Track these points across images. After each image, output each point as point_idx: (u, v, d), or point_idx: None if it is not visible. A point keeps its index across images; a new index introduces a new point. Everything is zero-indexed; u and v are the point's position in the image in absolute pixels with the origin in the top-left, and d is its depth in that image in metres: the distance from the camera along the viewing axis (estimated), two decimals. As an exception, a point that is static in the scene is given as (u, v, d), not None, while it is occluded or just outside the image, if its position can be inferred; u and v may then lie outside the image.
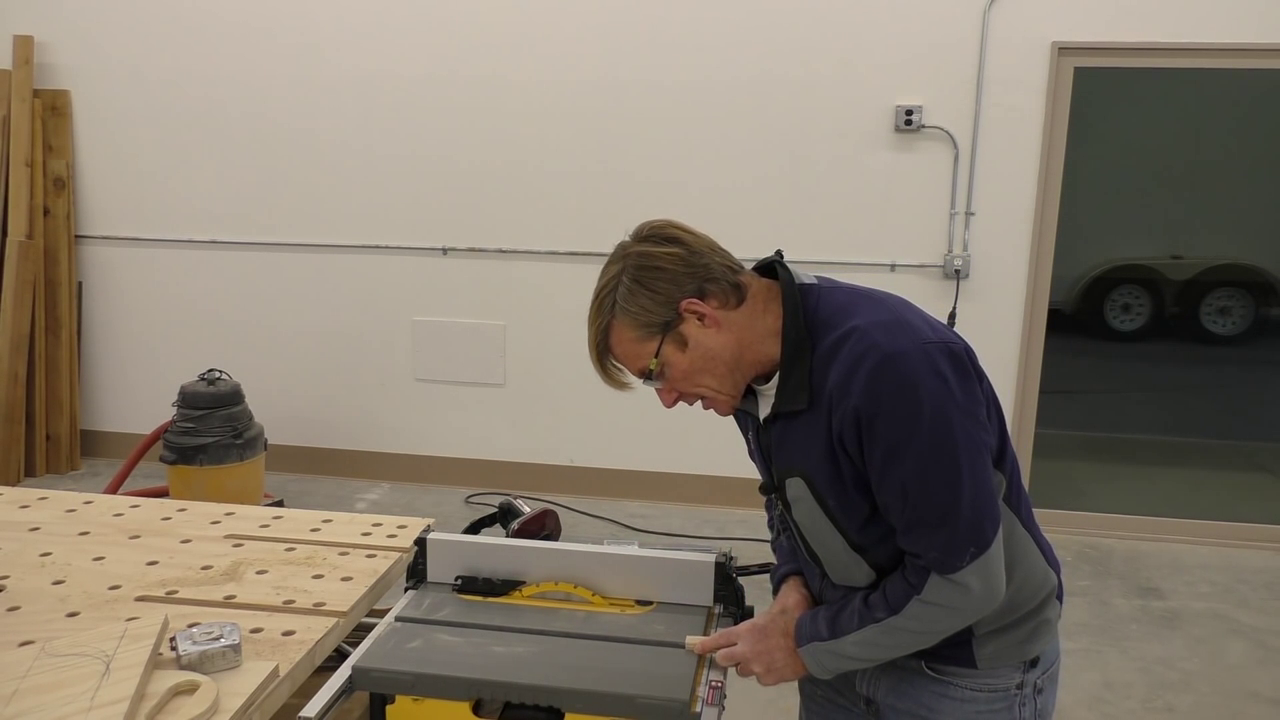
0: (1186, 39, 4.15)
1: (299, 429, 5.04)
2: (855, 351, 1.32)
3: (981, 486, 1.32)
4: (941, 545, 1.32)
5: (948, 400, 1.30)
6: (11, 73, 4.88)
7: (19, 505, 2.02)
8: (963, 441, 1.31)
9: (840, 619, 1.44)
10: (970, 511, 1.31)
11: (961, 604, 1.35)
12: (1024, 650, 1.45)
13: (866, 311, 1.37)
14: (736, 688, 1.59)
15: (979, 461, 1.33)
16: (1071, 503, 4.72)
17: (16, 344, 4.83)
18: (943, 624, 1.38)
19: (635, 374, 1.48)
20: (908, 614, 1.37)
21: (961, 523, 1.31)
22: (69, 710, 1.24)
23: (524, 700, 1.42)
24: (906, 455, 1.30)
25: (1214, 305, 7.39)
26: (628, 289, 1.42)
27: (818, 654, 1.45)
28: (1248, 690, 3.28)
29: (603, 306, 1.45)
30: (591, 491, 4.86)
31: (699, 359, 1.43)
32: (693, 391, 1.47)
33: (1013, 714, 1.47)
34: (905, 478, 1.31)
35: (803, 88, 4.43)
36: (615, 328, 1.44)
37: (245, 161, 4.89)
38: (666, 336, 1.42)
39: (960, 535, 1.31)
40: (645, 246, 1.43)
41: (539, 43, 4.56)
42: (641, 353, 1.44)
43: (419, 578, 1.77)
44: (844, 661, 1.45)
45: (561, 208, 4.68)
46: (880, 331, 1.32)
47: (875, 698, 1.55)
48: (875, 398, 1.30)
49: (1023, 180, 4.36)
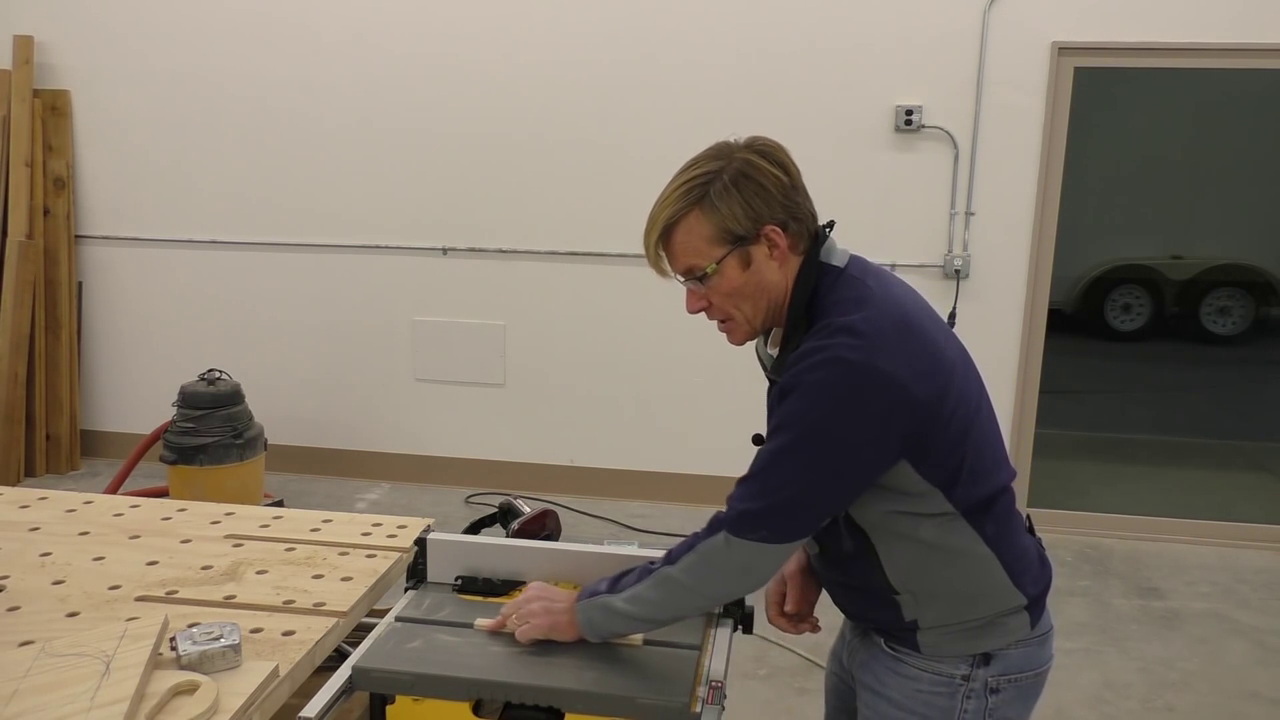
0: (1186, 39, 4.15)
1: (299, 429, 5.04)
2: (817, 341, 1.37)
3: (812, 496, 1.38)
4: (745, 510, 1.39)
5: (844, 423, 1.34)
6: (11, 73, 4.88)
7: (19, 505, 2.02)
8: (829, 456, 1.36)
9: (624, 577, 1.49)
10: (786, 508, 1.38)
11: (727, 569, 1.42)
12: (970, 645, 1.48)
13: (860, 311, 1.39)
14: (736, 688, 1.59)
15: (829, 481, 1.38)
16: (1071, 503, 4.72)
17: (16, 344, 4.83)
18: (706, 583, 1.43)
19: (681, 269, 1.45)
20: (682, 564, 1.43)
21: (775, 508, 1.37)
22: (69, 710, 1.24)
23: (524, 700, 1.42)
24: (782, 435, 1.37)
25: (1214, 305, 7.40)
26: (723, 187, 1.40)
27: (589, 610, 1.49)
28: (1248, 690, 3.28)
29: (688, 194, 1.41)
30: (591, 491, 4.86)
31: (752, 284, 1.44)
32: (726, 310, 1.47)
33: (953, 701, 1.49)
34: (769, 449, 1.39)
35: (803, 88, 4.43)
36: (691, 218, 1.41)
37: (245, 161, 4.89)
38: (736, 249, 1.41)
39: (764, 515, 1.38)
40: (754, 157, 1.42)
41: (539, 43, 4.56)
42: (705, 253, 1.42)
43: (419, 578, 1.77)
44: (613, 618, 1.47)
45: (561, 208, 4.68)
46: (847, 336, 1.36)
47: (853, 670, 1.63)
48: (799, 381, 1.36)
49: (1023, 180, 4.36)
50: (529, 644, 1.51)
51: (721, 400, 4.69)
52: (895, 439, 1.36)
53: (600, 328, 4.76)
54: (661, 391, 4.78)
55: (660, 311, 4.68)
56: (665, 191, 1.44)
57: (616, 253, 4.65)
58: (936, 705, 1.49)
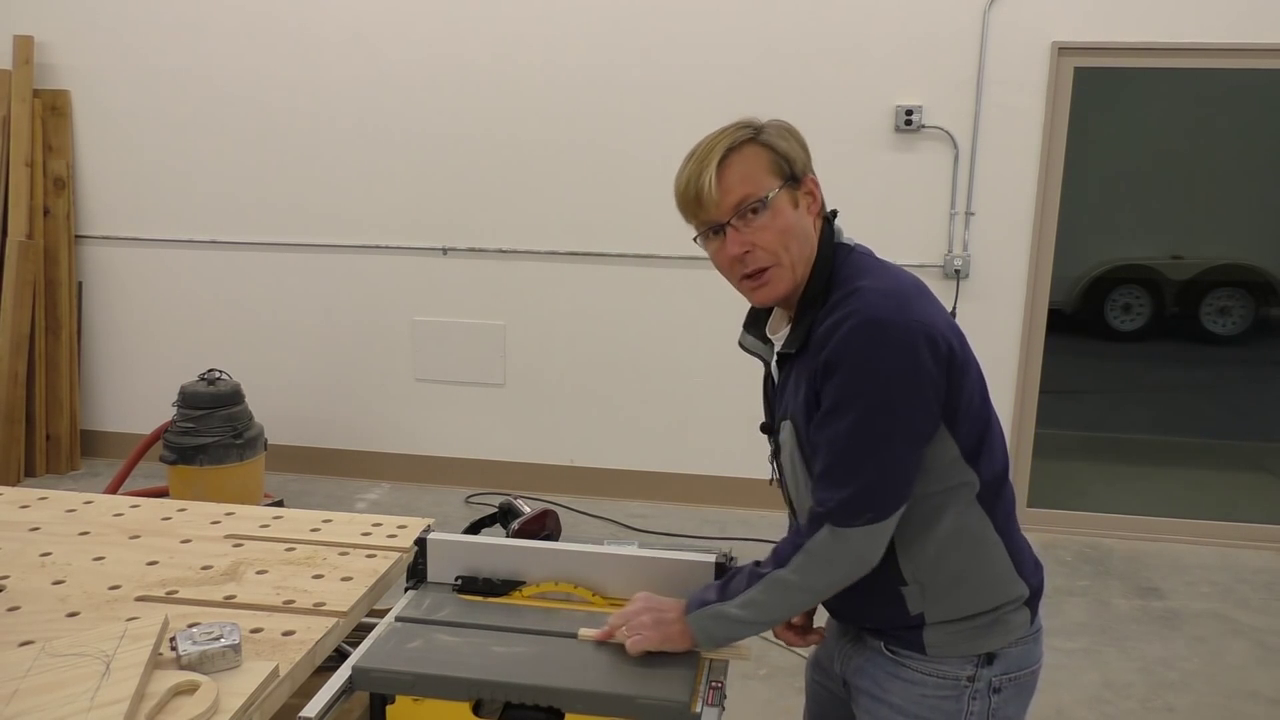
0: (1186, 39, 4.15)
1: (299, 429, 5.04)
2: (848, 307, 1.38)
3: (899, 463, 1.39)
4: (843, 500, 1.38)
5: (904, 379, 1.36)
6: (11, 73, 4.88)
7: (19, 505, 2.02)
8: (901, 420, 1.37)
9: (731, 584, 1.49)
10: (881, 481, 1.38)
11: (841, 560, 1.41)
12: (975, 644, 1.48)
13: (877, 278, 1.43)
14: (736, 688, 1.59)
15: (908, 444, 1.39)
16: (1071, 503, 4.72)
17: (16, 344, 4.83)
18: (820, 578, 1.43)
19: (735, 200, 1.43)
20: (792, 566, 1.43)
21: (870, 486, 1.38)
22: (69, 710, 1.24)
23: (524, 700, 1.42)
24: (848, 412, 1.37)
25: (1214, 305, 7.39)
26: (780, 129, 1.47)
27: (703, 620, 1.48)
28: (1248, 690, 3.28)
29: (741, 132, 1.45)
30: (591, 491, 4.86)
31: (797, 227, 1.46)
32: (773, 250, 1.45)
33: (959, 704, 1.48)
34: (838, 431, 1.38)
35: (803, 88, 4.43)
36: (750, 147, 1.44)
37: (245, 161, 4.89)
38: (787, 185, 1.45)
39: (863, 496, 1.38)
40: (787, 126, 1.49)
41: (539, 43, 4.56)
42: (763, 182, 1.43)
43: (419, 578, 1.77)
44: (730, 625, 1.47)
45: (561, 208, 4.68)
46: (875, 295, 1.39)
47: (846, 677, 1.61)
48: (844, 351, 1.36)
49: (1023, 180, 4.36)
50: (639, 655, 1.49)
51: (720, 400, 4.69)
52: (943, 382, 1.39)
53: (600, 328, 4.76)
54: (661, 391, 4.78)
55: (660, 311, 4.68)
56: (709, 137, 1.46)
57: (616, 253, 4.65)
58: (943, 709, 1.49)
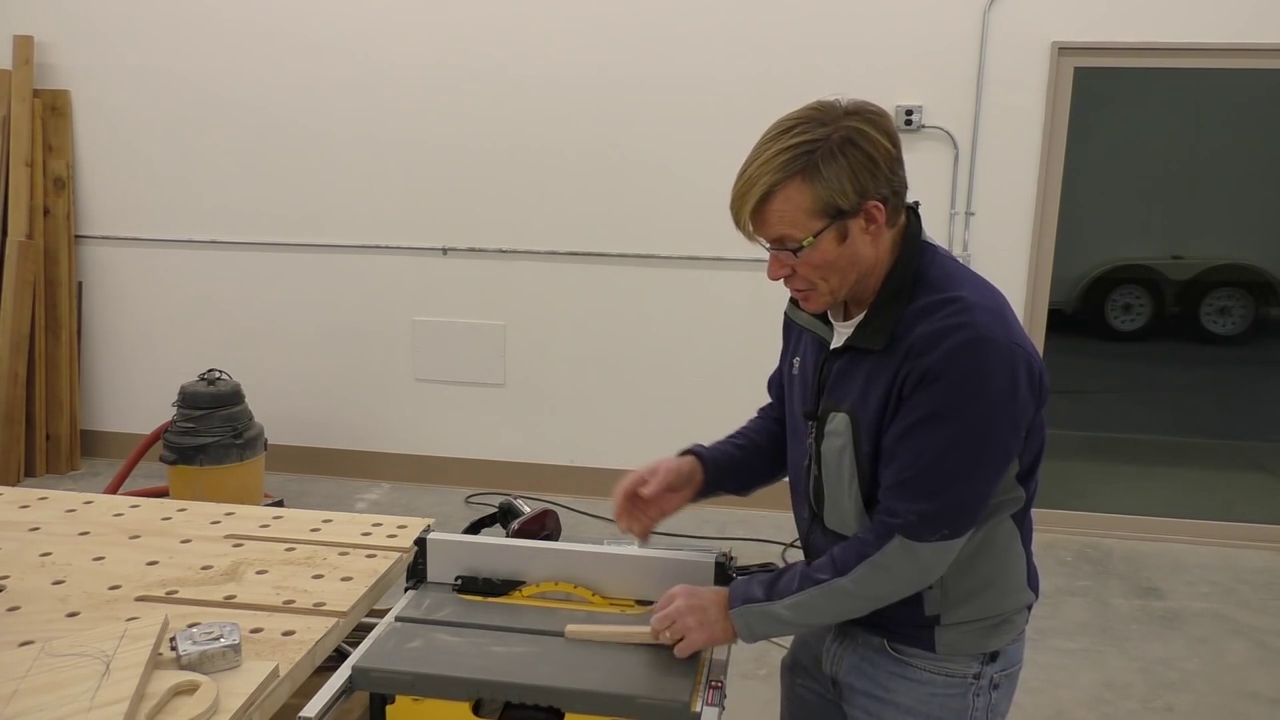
0: (1186, 39, 4.15)
1: (299, 429, 5.04)
2: (953, 319, 1.33)
3: (985, 486, 1.37)
4: (922, 514, 1.34)
5: (1006, 402, 1.33)
6: (11, 73, 4.87)
7: (19, 505, 2.02)
8: (997, 443, 1.34)
9: (779, 583, 1.45)
10: (964, 501, 1.35)
11: (907, 574, 1.38)
12: (983, 643, 1.48)
13: (976, 290, 1.38)
14: (736, 688, 1.59)
15: (997, 467, 1.37)
16: (1072, 503, 4.71)
17: (16, 344, 4.83)
18: (881, 589, 1.40)
19: (772, 237, 1.35)
20: (854, 576, 1.39)
21: (952, 504, 1.35)
22: (69, 710, 1.24)
23: (524, 700, 1.42)
24: (944, 427, 1.32)
25: (1214, 305, 7.39)
26: (830, 156, 1.30)
27: (749, 616, 1.46)
28: (1248, 690, 3.28)
29: (792, 161, 1.30)
30: (591, 491, 4.85)
31: (845, 258, 1.35)
32: (811, 280, 1.38)
33: (966, 701, 1.48)
34: (930, 444, 1.33)
35: (803, 88, 4.38)
36: (792, 186, 1.31)
37: (245, 161, 4.89)
38: (835, 223, 1.33)
39: (943, 514, 1.35)
40: (864, 125, 1.33)
41: (539, 42, 4.56)
42: (802, 225, 1.32)
43: (419, 578, 1.77)
44: (775, 625, 1.45)
45: (561, 208, 4.68)
46: (982, 313, 1.34)
47: (838, 677, 1.58)
48: (950, 365, 1.31)
49: (1023, 180, 4.36)
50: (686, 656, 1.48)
51: (721, 400, 4.69)
52: (1031, 408, 1.37)
53: (600, 328, 4.76)
54: (661, 391, 4.77)
55: (660, 311, 4.68)
56: (762, 153, 1.33)
57: (616, 253, 4.64)
58: (950, 707, 1.48)
